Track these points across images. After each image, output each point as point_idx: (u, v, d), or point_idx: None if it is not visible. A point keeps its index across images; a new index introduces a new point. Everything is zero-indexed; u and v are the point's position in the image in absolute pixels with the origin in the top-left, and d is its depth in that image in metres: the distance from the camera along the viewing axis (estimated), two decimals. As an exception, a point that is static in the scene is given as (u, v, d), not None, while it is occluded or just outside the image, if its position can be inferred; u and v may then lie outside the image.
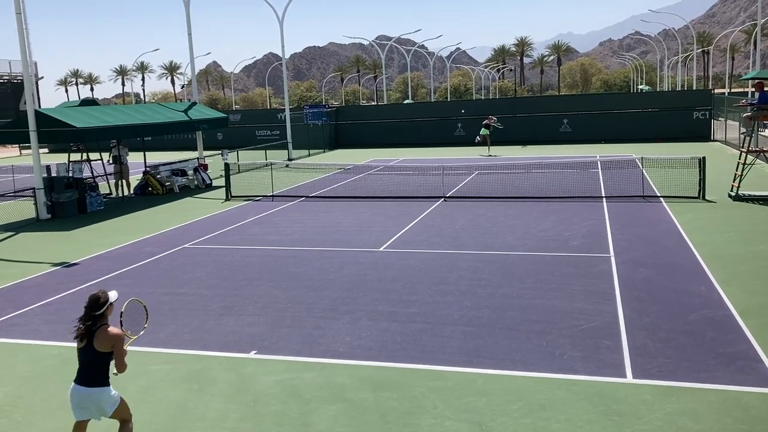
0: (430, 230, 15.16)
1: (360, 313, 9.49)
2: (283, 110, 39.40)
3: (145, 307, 5.98)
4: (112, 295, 5.59)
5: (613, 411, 6.38)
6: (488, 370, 7.41)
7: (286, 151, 35.32)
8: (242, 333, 8.89)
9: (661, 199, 18.06)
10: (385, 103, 76.03)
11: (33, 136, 18.84)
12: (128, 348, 5.54)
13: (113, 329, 5.44)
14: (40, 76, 68.69)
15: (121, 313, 5.66)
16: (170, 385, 7.38)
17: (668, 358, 7.53)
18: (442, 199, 19.34)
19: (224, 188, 21.80)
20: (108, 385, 5.51)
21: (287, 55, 37.73)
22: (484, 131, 33.87)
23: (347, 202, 19.79)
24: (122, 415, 5.70)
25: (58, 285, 11.63)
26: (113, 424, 5.77)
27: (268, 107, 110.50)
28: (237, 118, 44.63)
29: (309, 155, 37.09)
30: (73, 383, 5.50)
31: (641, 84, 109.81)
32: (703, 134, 36.47)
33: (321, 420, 6.45)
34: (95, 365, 5.41)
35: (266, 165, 25.90)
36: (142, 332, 5.86)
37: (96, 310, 5.42)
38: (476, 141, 34.15)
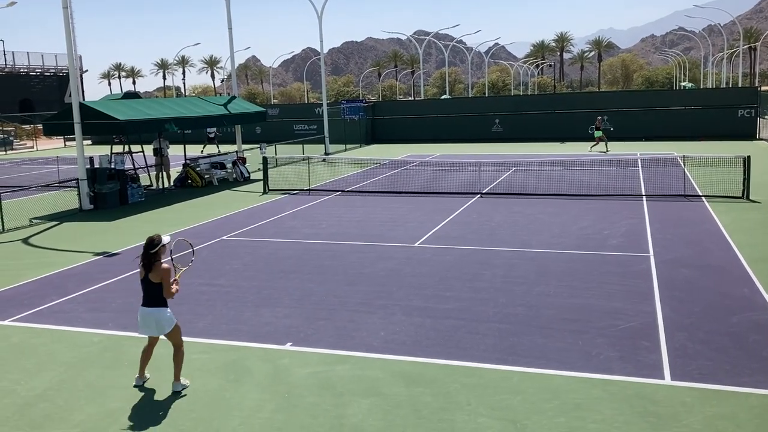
0: (465, 226, 15.09)
1: (394, 307, 9.51)
2: (321, 105, 39.59)
3: (190, 244, 7.51)
4: (165, 238, 6.98)
5: (650, 413, 6.28)
6: (523, 368, 7.35)
7: (323, 145, 35.50)
8: (278, 325, 8.98)
9: (704, 198, 17.68)
10: (422, 98, 75.78)
11: (77, 128, 19.27)
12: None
13: (164, 265, 6.94)
14: (84, 70, 70.31)
15: (171, 251, 7.15)
16: (207, 374, 7.49)
17: (709, 361, 7.38)
18: (479, 196, 19.23)
19: (262, 181, 22.02)
20: (165, 306, 6.98)
21: (325, 50, 37.90)
22: (597, 133, 31.82)
23: (383, 196, 19.82)
24: (175, 338, 7.09)
25: (100, 274, 11.91)
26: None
27: (306, 102, 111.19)
28: (275, 112, 44.99)
29: (345, 150, 37.22)
30: (140, 306, 7.02)
31: (684, 81, 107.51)
32: (748, 133, 35.53)
33: (354, 413, 6.48)
34: (153, 292, 6.94)
35: (303, 159, 26.08)
36: (190, 264, 7.38)
37: (151, 249, 6.87)
38: (594, 148, 32.11)
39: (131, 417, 6.53)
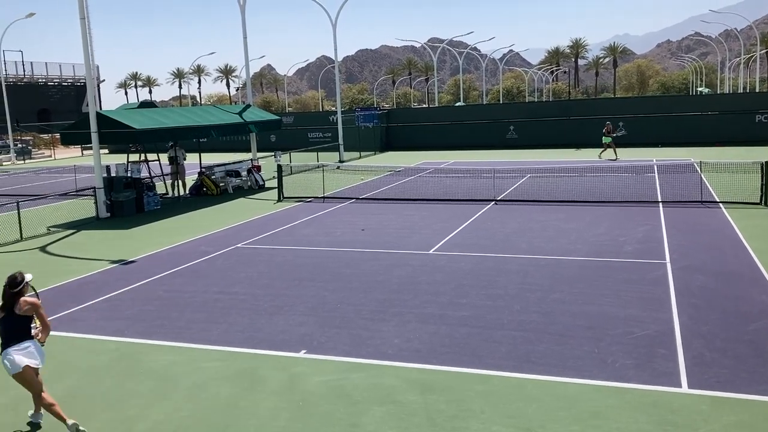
0: (480, 233, 15.05)
1: (409, 315, 9.50)
2: (335, 113, 39.72)
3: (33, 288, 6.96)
4: (28, 276, 6.56)
5: (667, 421, 6.22)
6: (538, 376, 7.31)
7: (338, 153, 35.59)
8: (292, 332, 9.00)
9: (721, 204, 17.51)
10: (437, 105, 75.84)
11: (94, 137, 19.46)
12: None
13: (27, 297, 6.48)
14: (101, 79, 71.08)
15: (32, 287, 6.82)
16: (222, 382, 7.52)
17: (726, 369, 7.30)
18: (493, 203, 19.19)
19: (277, 189, 22.11)
20: (30, 338, 6.45)
21: (339, 58, 38.05)
22: (606, 139, 30.86)
23: (397, 204, 19.83)
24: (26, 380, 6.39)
25: (116, 282, 12.00)
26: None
27: (321, 110, 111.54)
28: (290, 120, 45.21)
29: (360, 157, 37.27)
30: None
31: (700, 86, 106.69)
32: (766, 138, 35.18)
33: (369, 421, 6.48)
34: (16, 329, 6.36)
35: (318, 167, 26.16)
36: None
37: (13, 288, 6.39)
38: (603, 155, 31.31)
39: (147, 425, 6.57)
